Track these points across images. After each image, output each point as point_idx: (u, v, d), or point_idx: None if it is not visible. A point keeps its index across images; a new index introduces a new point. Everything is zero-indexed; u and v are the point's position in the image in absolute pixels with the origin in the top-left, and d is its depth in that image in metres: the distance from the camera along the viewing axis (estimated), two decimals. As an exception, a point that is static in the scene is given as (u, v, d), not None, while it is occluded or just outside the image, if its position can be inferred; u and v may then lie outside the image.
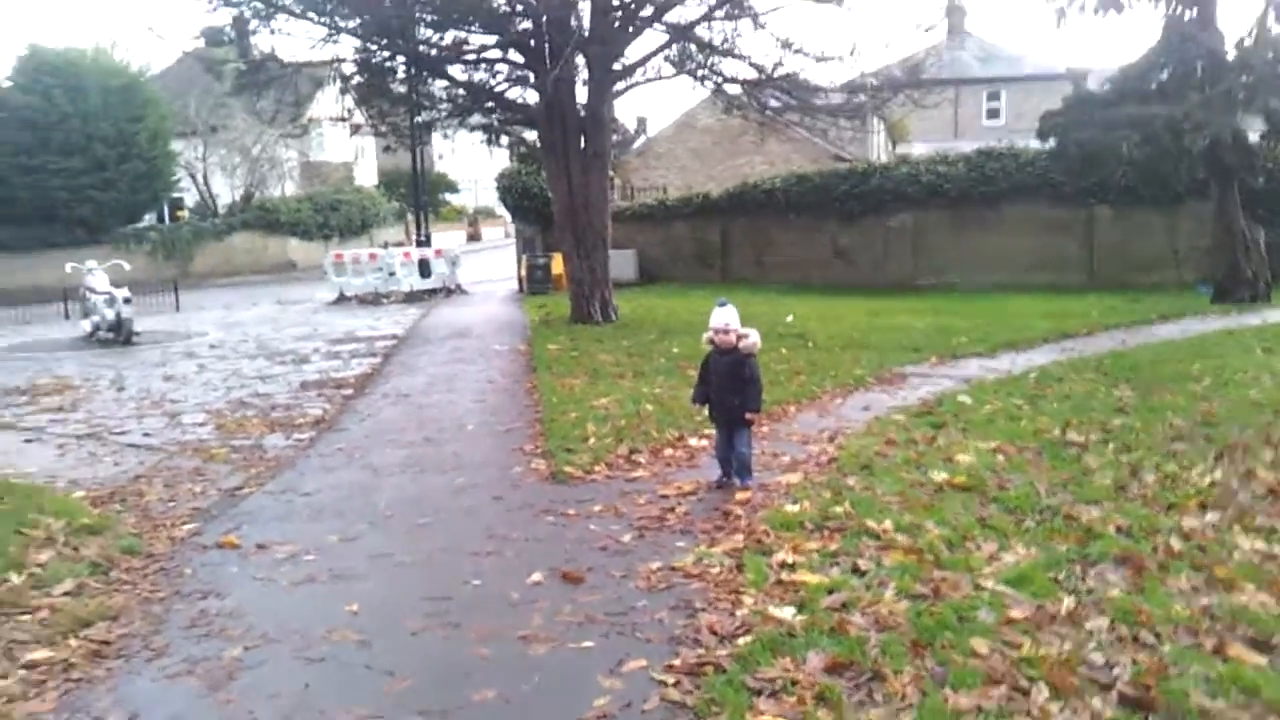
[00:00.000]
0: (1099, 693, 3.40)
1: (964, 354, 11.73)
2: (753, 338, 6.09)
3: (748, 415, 6.11)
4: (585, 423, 7.97)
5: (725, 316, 6.10)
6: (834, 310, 16.79)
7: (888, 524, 5.20)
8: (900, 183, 22.97)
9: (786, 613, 4.11)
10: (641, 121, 54.51)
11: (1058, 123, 17.80)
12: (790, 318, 15.21)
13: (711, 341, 6.19)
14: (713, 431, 6.64)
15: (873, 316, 15.75)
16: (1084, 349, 12.12)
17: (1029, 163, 21.82)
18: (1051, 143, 18.40)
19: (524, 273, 23.21)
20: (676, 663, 3.74)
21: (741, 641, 3.87)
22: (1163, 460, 6.55)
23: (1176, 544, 4.90)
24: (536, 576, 4.73)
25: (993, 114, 41.63)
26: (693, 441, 7.41)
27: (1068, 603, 4.19)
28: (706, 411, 6.52)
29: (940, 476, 6.12)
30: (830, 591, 4.34)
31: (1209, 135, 15.65)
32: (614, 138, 27.14)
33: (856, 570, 4.62)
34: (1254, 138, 17.21)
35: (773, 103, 17.93)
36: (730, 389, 6.08)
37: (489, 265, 31.57)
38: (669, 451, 7.17)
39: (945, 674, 3.55)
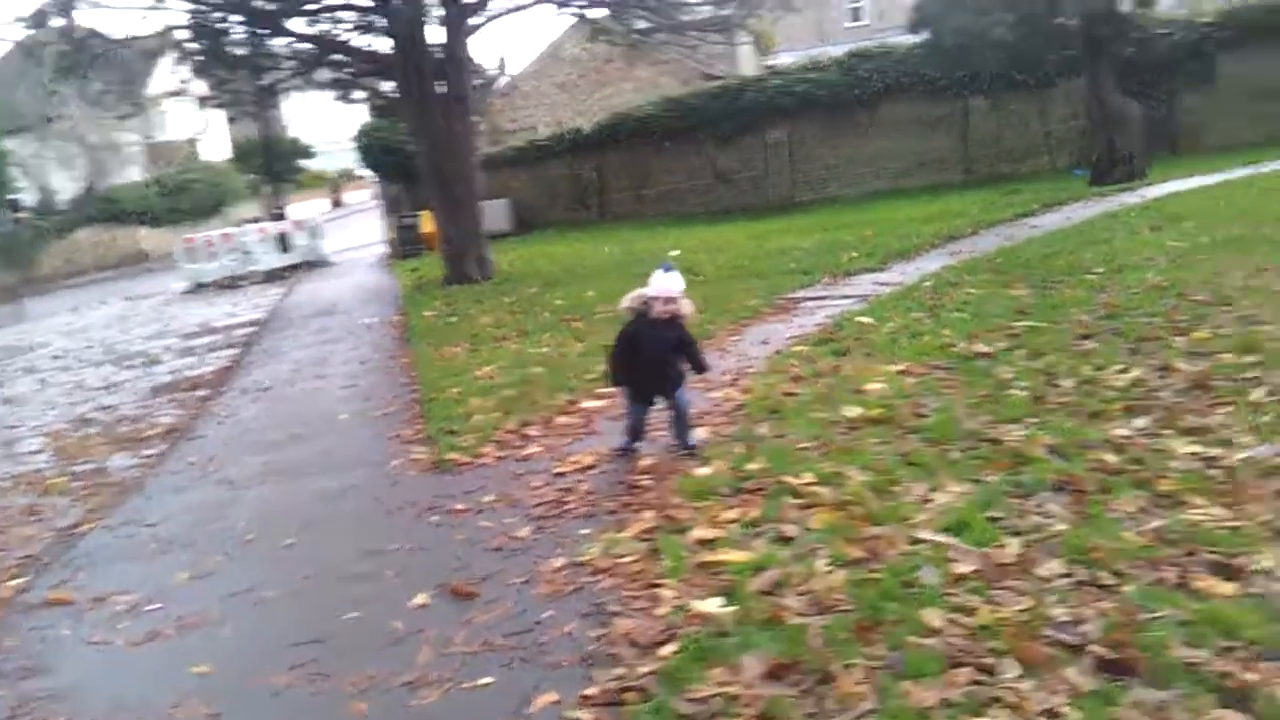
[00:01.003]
0: (1072, 659, 3.00)
1: (855, 270, 11.40)
2: (690, 305, 5.40)
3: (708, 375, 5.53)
4: (469, 397, 7.34)
5: (675, 283, 5.22)
6: (719, 239, 16.37)
7: (808, 476, 4.74)
8: (774, 96, 22.54)
9: (713, 605, 3.61)
10: (502, 60, 52.99)
11: (930, 12, 17.50)
12: (675, 252, 14.70)
13: (642, 311, 5.27)
14: (607, 391, 6.09)
15: (759, 241, 15.36)
16: (973, 250, 11.91)
17: (902, 59, 21.55)
18: (925, 35, 18.10)
19: (392, 235, 22.15)
20: (592, 691, 3.21)
21: (666, 651, 3.36)
22: (1076, 362, 6.26)
23: (1112, 459, 4.57)
24: (422, 598, 4.13)
25: (856, 14, 41.40)
26: (586, 404, 6.85)
27: (1014, 547, 3.80)
28: (625, 391, 5.60)
29: (854, 412, 5.70)
30: (758, 570, 3.85)
31: (1082, 7, 15.50)
32: (475, 80, 26.06)
33: (783, 539, 4.15)
34: (1126, 7, 17.14)
35: (640, 24, 17.18)
36: (672, 362, 5.36)
37: (356, 232, 30.31)
38: (562, 419, 6.58)
39: (900, 660, 3.10)
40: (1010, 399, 5.68)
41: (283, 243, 22.32)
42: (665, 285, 5.18)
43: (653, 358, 5.31)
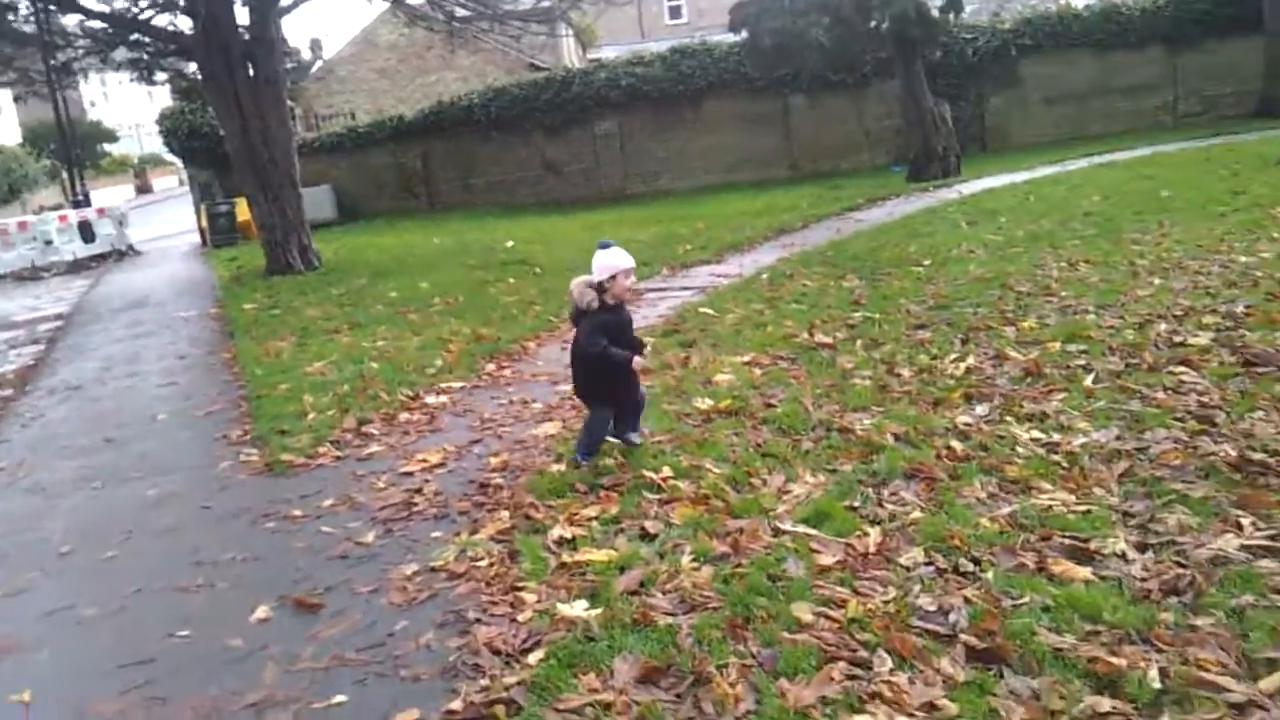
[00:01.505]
0: (944, 650, 3.01)
1: (692, 262, 11.46)
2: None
3: (639, 359, 4.85)
4: (300, 395, 6.92)
5: (627, 259, 4.71)
6: (554, 230, 16.20)
7: (666, 470, 4.66)
8: (602, 88, 22.51)
9: (579, 609, 3.46)
10: (316, 43, 50.93)
11: (749, 13, 17.79)
12: (511, 243, 14.45)
13: (601, 301, 4.70)
14: (452, 386, 5.83)
15: (594, 233, 15.22)
16: (804, 243, 12.16)
17: (723, 58, 21.90)
18: (744, 34, 18.41)
19: (205, 224, 20.93)
20: (457, 706, 3.01)
21: (533, 659, 3.19)
22: (913, 352, 6.43)
23: (958, 446, 4.68)
24: (262, 612, 3.81)
25: (675, 12, 41.92)
26: (431, 399, 6.57)
27: (874, 536, 3.81)
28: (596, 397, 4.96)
29: (705, 404, 5.66)
30: (622, 569, 3.73)
31: (893, 10, 16.06)
32: (287, 63, 24.93)
33: (645, 535, 4.04)
34: (934, 12, 17.87)
35: (459, 11, 16.77)
36: (633, 346, 4.84)
37: (166, 219, 28.57)
38: (405, 416, 6.29)
39: (775, 658, 3.04)
40: (855, 388, 5.76)
41: (86, 231, 20.73)
42: (620, 259, 4.66)
43: (627, 344, 4.78)
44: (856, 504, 4.15)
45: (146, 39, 15.36)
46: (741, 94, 22.12)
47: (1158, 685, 2.71)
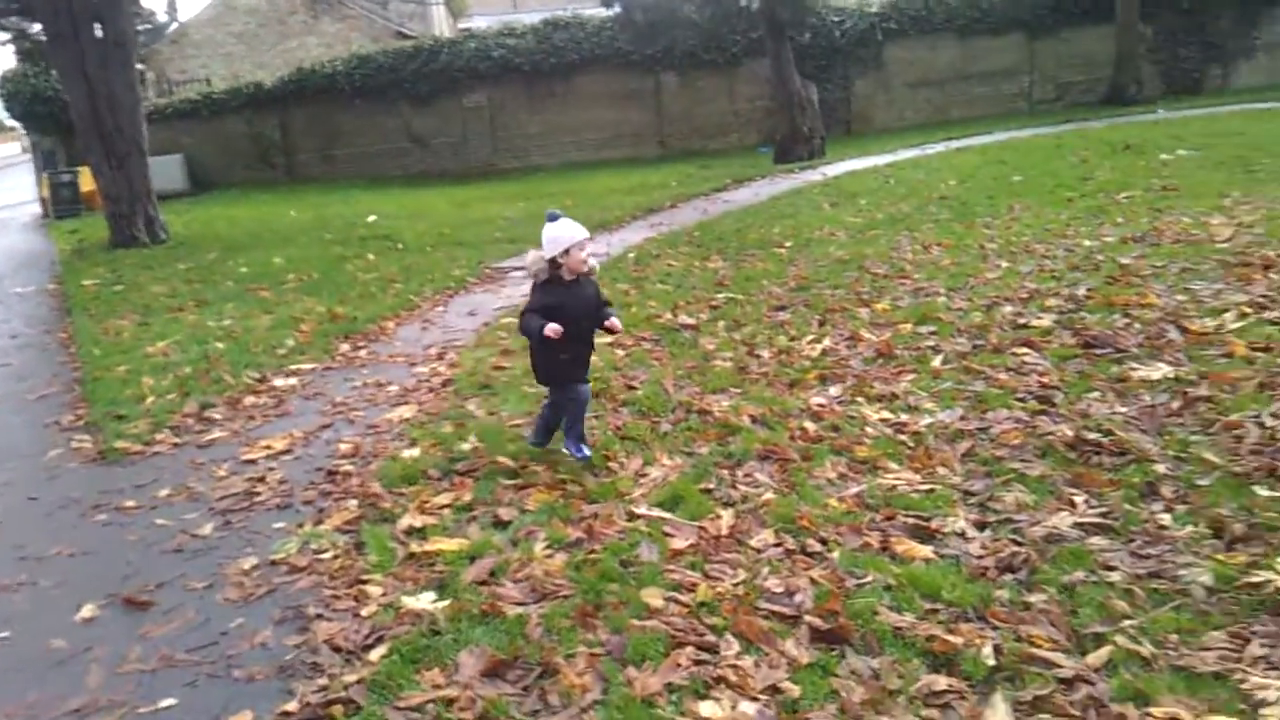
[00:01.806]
0: (789, 631, 3.03)
1: (560, 239, 11.33)
2: (592, 260, 4.51)
3: (612, 325, 4.48)
4: (140, 377, 6.57)
5: (580, 231, 4.30)
6: (419, 205, 15.83)
7: (523, 456, 4.59)
8: (472, 59, 22.09)
9: (425, 600, 3.37)
10: (172, 4, 48.63)
11: (622, -13, 17.70)
12: (373, 217, 14.07)
13: (554, 274, 4.31)
14: (303, 368, 5.60)
15: (461, 208, 15.00)
16: (671, 222, 12.19)
17: (596, 32, 21.75)
18: (617, 9, 18.30)
19: (47, 194, 19.74)
20: (292, 707, 2.88)
21: (375, 655, 3.09)
22: (772, 333, 6.50)
23: (811, 427, 4.75)
24: (88, 610, 3.59)
25: (549, -15, 41.38)
26: (279, 382, 6.33)
27: (727, 518, 3.83)
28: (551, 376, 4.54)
29: (566, 386, 5.60)
30: (473, 558, 3.65)
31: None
32: (139, 24, 23.66)
33: (498, 522, 3.96)
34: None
35: (321, -24, 16.16)
36: (592, 325, 4.43)
37: (5, 189, 26.84)
38: (250, 400, 6.03)
39: (623, 645, 3.01)
40: (715, 370, 5.79)
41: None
42: (570, 230, 4.26)
43: (582, 324, 4.34)
44: (711, 486, 4.16)
45: (-16, -4, 14.36)
46: (614, 70, 22.03)
47: (992, 662, 2.79)
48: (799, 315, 6.89)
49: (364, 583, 3.58)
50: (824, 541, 3.61)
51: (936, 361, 5.54)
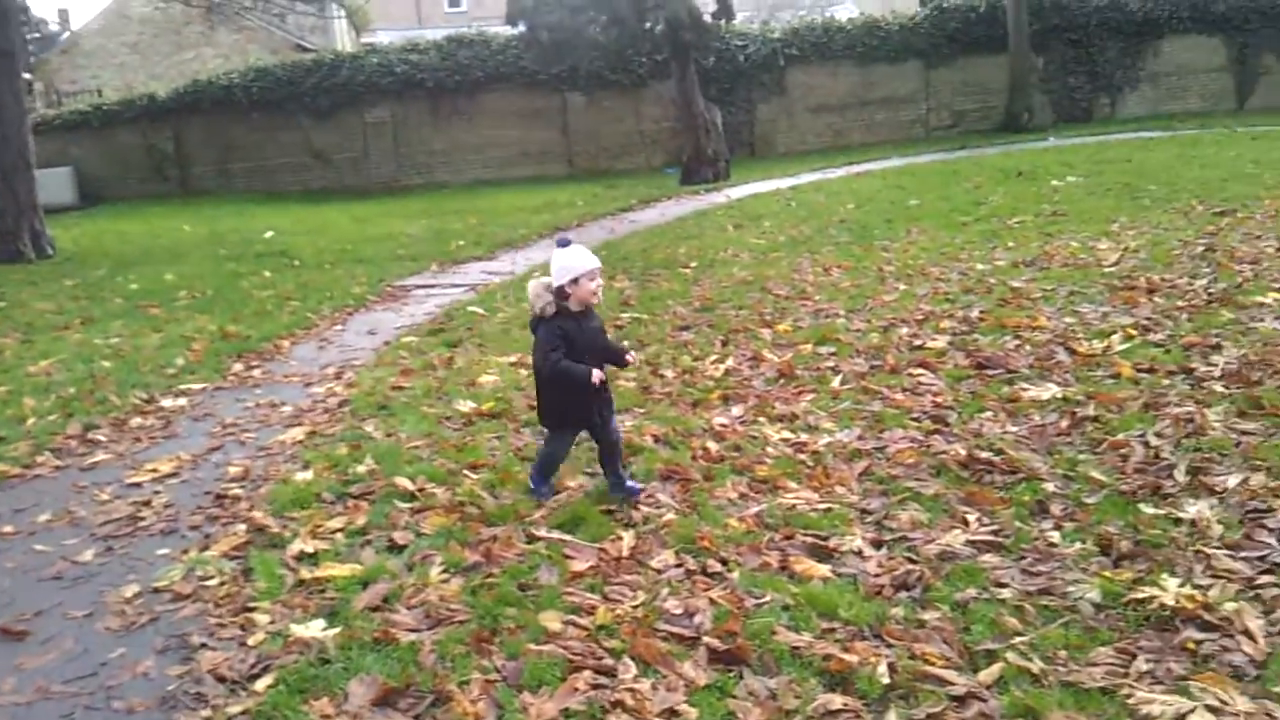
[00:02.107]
0: (687, 653, 3.01)
1: (464, 258, 11.26)
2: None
3: (628, 358, 4.27)
4: (20, 398, 6.27)
5: (590, 260, 3.96)
6: (318, 220, 15.53)
7: (421, 478, 4.49)
8: (374, 73, 21.82)
9: (315, 628, 3.26)
10: (63, 14, 46.93)
11: (525, 6, 17.66)
12: (270, 233, 13.73)
13: (561, 306, 3.96)
14: (192, 387, 5.37)
15: (362, 225, 14.76)
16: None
17: (501, 50, 21.70)
18: (522, 28, 18.27)
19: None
20: (173, 743, 2.76)
21: (261, 685, 2.97)
22: (676, 353, 6.52)
23: (714, 446, 4.76)
24: (-43, 643, 3.40)
25: (454, 1, 41.19)
26: (167, 403, 6.10)
27: (628, 539, 3.80)
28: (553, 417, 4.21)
29: (467, 406, 5.53)
30: (366, 584, 3.55)
31: (668, 13, 16.33)
32: (28, 34, 22.84)
33: (393, 547, 3.87)
34: (708, 17, 18.31)
35: (217, -15, 15.81)
36: (606, 360, 4.11)
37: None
38: (137, 421, 5.80)
39: (519, 670, 2.96)
40: (619, 390, 5.76)
41: None
42: (581, 259, 3.94)
43: (593, 358, 3.98)
44: (613, 507, 4.13)
45: None
46: (520, 88, 21.99)
47: (886, 680, 2.81)
48: (703, 335, 6.92)
49: (251, 610, 3.45)
50: (724, 561, 3.61)
51: (836, 382, 5.62)
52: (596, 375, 3.88)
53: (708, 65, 20.32)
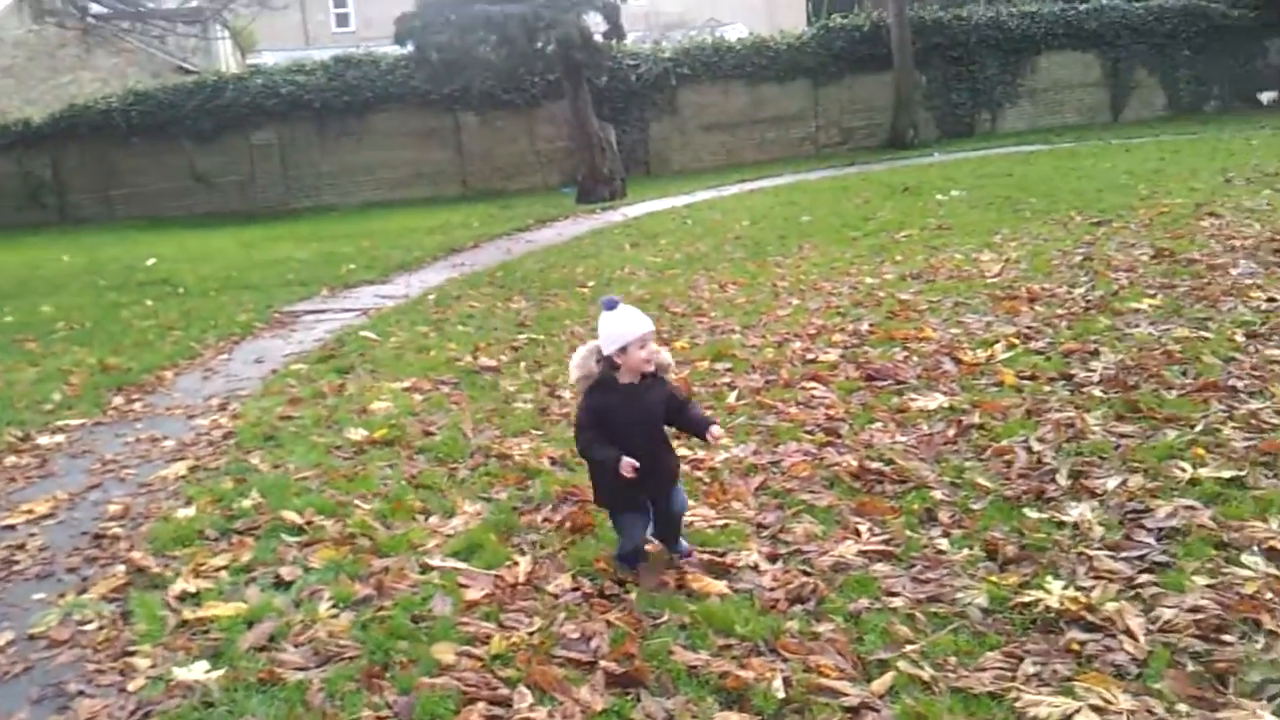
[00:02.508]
0: (584, 678, 2.98)
1: (356, 282, 11.06)
2: (664, 352, 3.62)
3: (714, 433, 3.57)
4: (-121, 440, 5.94)
5: (641, 324, 3.43)
6: (203, 247, 15.09)
7: (310, 510, 4.37)
8: (259, 95, 21.36)
9: (198, 671, 3.14)
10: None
11: (414, 26, 17.49)
12: (152, 261, 13.29)
13: (608, 375, 3.48)
14: (69, 424, 5.15)
15: (249, 250, 14.40)
16: (474, 263, 12.07)
17: (390, 70, 21.47)
18: (411, 48, 18.09)
19: None
20: (44, 801, 2.62)
21: (139, 736, 2.85)
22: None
23: (610, 467, 4.73)
24: None
25: (342, 20, 40.54)
26: (44, 440, 5.83)
27: (524, 565, 3.75)
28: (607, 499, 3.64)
29: (359, 435, 5.41)
30: (251, 623, 3.43)
31: (559, 33, 16.34)
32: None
33: (280, 583, 3.75)
34: (598, 37, 18.39)
35: (96, 8, 15.29)
36: (661, 438, 3.58)
37: None
38: (12, 460, 5.53)
39: (411, 705, 2.89)
40: (516, 412, 5.72)
41: None
42: (632, 324, 3.40)
43: (643, 438, 3.46)
44: (509, 533, 4.07)
45: None
46: (411, 108, 21.77)
47: (781, 695, 2.82)
48: (599, 355, 6.89)
49: (131, 654, 3.30)
50: (622, 583, 3.59)
51: (731, 398, 5.66)
52: (627, 465, 3.31)
53: (601, 85, 20.43)
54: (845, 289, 8.33)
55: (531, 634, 3.25)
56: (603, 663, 3.05)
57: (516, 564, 3.77)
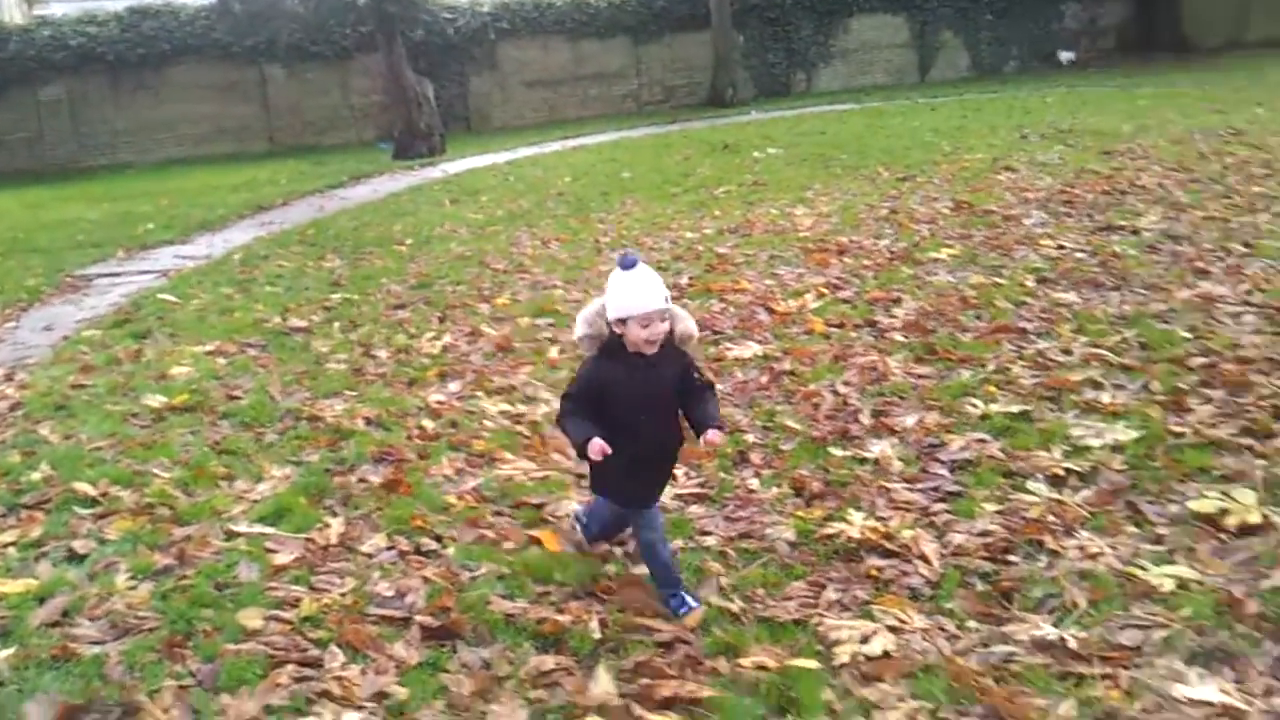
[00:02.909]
0: (399, 634, 2.94)
1: (154, 243, 10.44)
2: (686, 319, 3.04)
3: (710, 439, 2.95)
4: None
5: (647, 299, 2.83)
6: (-17, 208, 13.94)
7: (104, 480, 4.13)
8: (46, 47, 19.80)
9: (-20, 655, 2.93)
10: None
11: (216, -24, 16.55)
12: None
13: (615, 339, 2.91)
14: None
15: (36, 211, 13.41)
16: (283, 221, 11.59)
17: (190, 21, 20.27)
18: (213, -2, 17.13)
19: None
20: None
21: (-90, 727, 2.64)
22: (391, 332, 6.35)
23: (429, 425, 4.67)
24: None
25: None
26: None
27: (337, 526, 3.66)
28: (598, 470, 3.02)
29: (158, 401, 5.13)
30: (43, 599, 3.23)
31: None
32: None
33: (73, 557, 3.54)
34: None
35: None
36: (670, 424, 3.01)
37: None
38: None
39: (215, 672, 2.78)
40: (328, 373, 5.56)
41: None
42: (640, 297, 2.83)
43: (648, 418, 2.92)
44: (321, 495, 3.96)
45: None
46: (213, 61, 20.63)
47: (597, 636, 2.86)
48: (419, 313, 6.78)
49: (-102, 645, 3.05)
50: (439, 539, 3.55)
51: (554, 352, 5.66)
52: (596, 448, 2.80)
53: (416, 38, 19.85)
54: (666, 244, 8.43)
55: (344, 595, 3.19)
56: (418, 617, 3.02)
57: (328, 526, 3.68)
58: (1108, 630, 2.74)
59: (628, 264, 2.85)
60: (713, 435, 2.90)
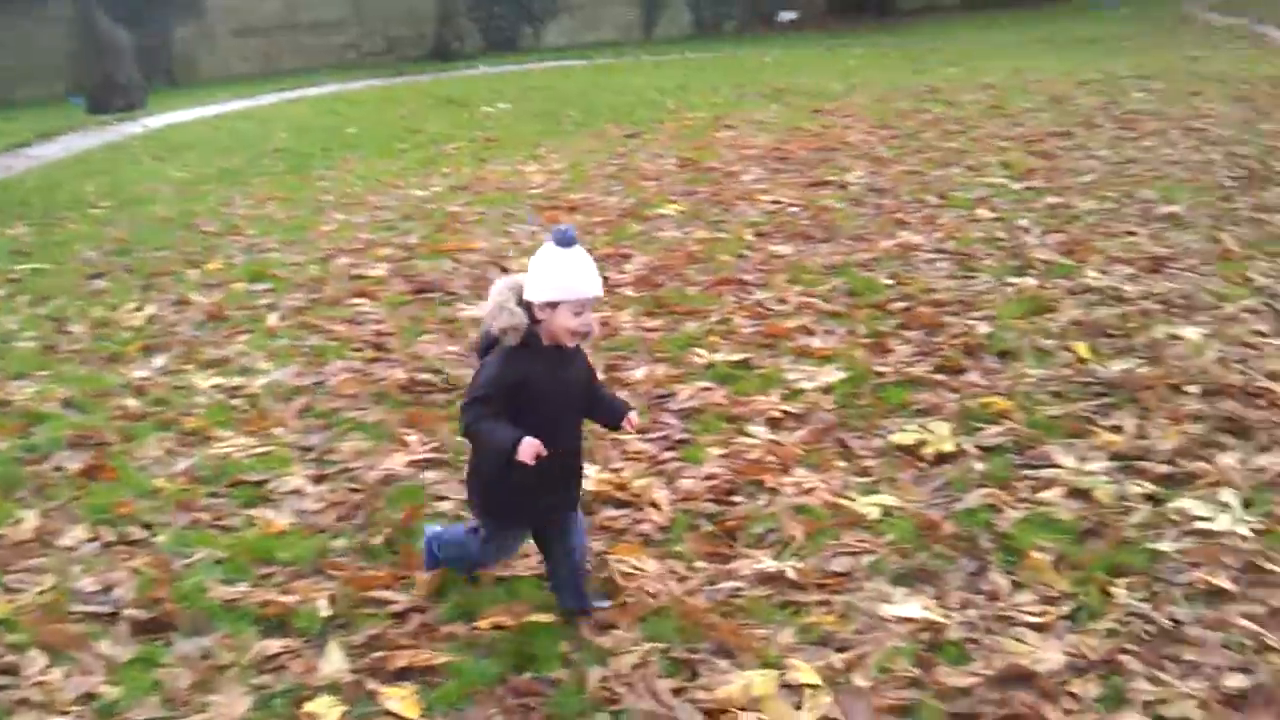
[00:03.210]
0: (106, 632, 2.73)
1: None
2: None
3: (632, 420, 2.70)
4: None
5: (590, 284, 2.52)
6: None
7: None
8: None
9: None
10: None
11: None
12: None
13: (530, 334, 2.51)
14: None
15: None
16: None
17: None
18: None
19: None
20: None
21: None
22: (87, 304, 5.85)
23: (133, 404, 4.34)
24: None
25: None
26: None
27: (31, 520, 3.34)
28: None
29: None
30: None
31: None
32: None
33: None
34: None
35: None
36: (579, 419, 2.70)
37: None
38: None
39: (-114, 697, 2.47)
40: (16, 352, 5.06)
41: None
42: (582, 280, 2.49)
43: (565, 422, 2.63)
44: (12, 487, 3.59)
45: None
46: None
47: (326, 613, 2.76)
48: (119, 282, 6.25)
49: None
50: (149, 526, 3.31)
51: (273, 319, 5.37)
52: (528, 448, 2.42)
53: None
54: (393, 202, 8.17)
55: (42, 593, 2.92)
56: (127, 611, 2.82)
57: (21, 520, 3.35)
58: (822, 560, 2.93)
59: (565, 240, 2.48)
60: (634, 416, 2.71)
